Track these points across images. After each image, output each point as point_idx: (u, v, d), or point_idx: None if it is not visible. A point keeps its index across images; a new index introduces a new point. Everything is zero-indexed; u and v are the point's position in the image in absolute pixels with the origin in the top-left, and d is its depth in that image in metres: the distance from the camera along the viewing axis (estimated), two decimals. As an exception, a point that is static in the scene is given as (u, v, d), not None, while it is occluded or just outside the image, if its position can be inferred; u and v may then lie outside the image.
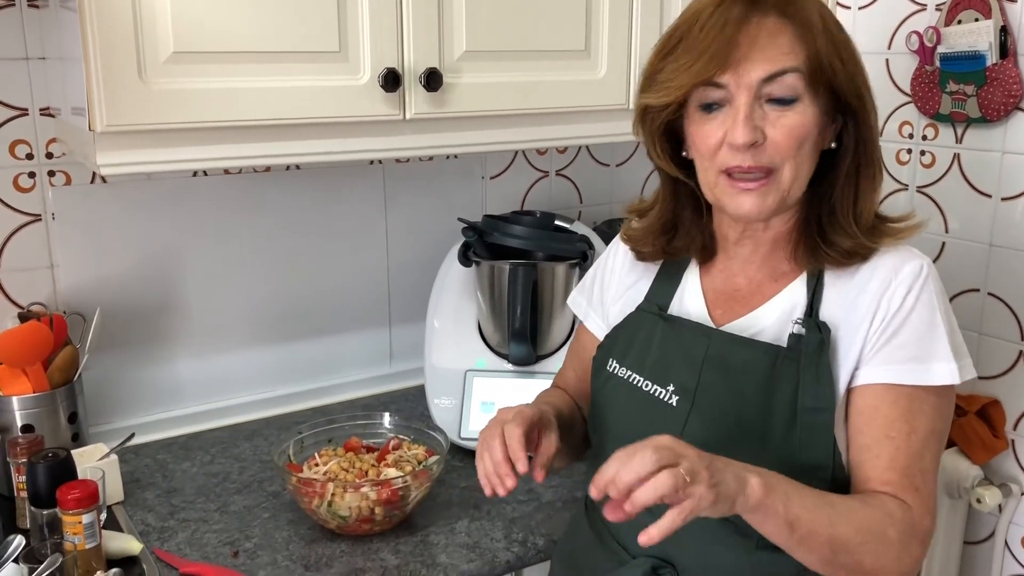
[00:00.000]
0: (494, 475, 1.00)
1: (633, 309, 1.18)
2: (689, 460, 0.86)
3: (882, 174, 1.07)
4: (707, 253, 1.15)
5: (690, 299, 1.15)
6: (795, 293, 1.08)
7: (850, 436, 1.04)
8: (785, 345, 1.05)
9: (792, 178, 1.01)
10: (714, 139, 1.01)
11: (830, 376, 1.02)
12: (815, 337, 1.03)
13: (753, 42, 0.98)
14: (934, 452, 1.04)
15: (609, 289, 1.25)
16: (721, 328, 1.10)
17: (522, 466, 0.99)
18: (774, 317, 1.08)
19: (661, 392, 1.09)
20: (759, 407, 1.04)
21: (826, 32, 1.00)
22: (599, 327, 1.25)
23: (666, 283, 1.17)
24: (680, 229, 1.15)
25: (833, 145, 1.05)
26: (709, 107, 1.01)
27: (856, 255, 1.05)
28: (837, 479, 1.03)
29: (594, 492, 0.87)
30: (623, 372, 1.14)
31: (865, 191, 1.05)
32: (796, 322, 1.05)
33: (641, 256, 1.19)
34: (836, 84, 1.00)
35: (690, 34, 1.00)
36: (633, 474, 0.84)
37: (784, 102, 0.99)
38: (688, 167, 1.10)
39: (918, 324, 1.02)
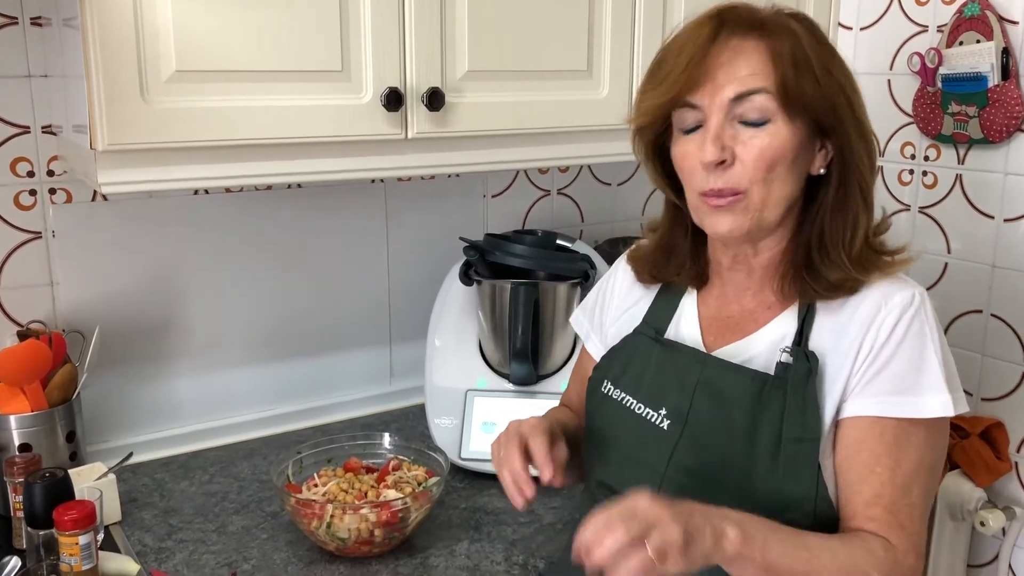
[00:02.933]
0: (514, 485, 1.02)
1: (630, 331, 1.18)
2: (661, 530, 0.85)
3: (871, 201, 1.05)
4: (700, 280, 1.16)
5: (685, 324, 1.15)
6: (786, 322, 1.08)
7: (837, 471, 1.02)
8: (773, 373, 1.04)
9: (762, 199, 1.01)
10: (691, 160, 1.03)
11: (816, 406, 1.01)
12: (803, 366, 1.02)
13: (723, 63, 0.99)
14: (923, 487, 1.01)
15: (608, 311, 1.25)
16: (713, 353, 1.10)
17: (548, 473, 1.01)
18: (764, 345, 1.07)
19: (653, 415, 1.10)
20: (746, 435, 1.03)
21: (799, 52, 0.99)
22: (597, 349, 1.26)
23: (664, 307, 1.18)
24: (674, 255, 1.16)
25: (822, 171, 1.04)
26: (690, 129, 1.03)
27: (842, 288, 1.03)
28: (820, 512, 1.01)
29: (577, 558, 0.87)
30: (617, 394, 1.15)
31: (852, 219, 1.04)
32: (784, 350, 1.05)
33: (640, 278, 1.21)
34: (811, 107, 0.99)
35: (667, 58, 1.03)
36: (605, 552, 0.84)
37: (754, 122, 1.00)
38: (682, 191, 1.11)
39: (909, 354, 1.00)
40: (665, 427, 1.08)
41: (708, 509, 0.91)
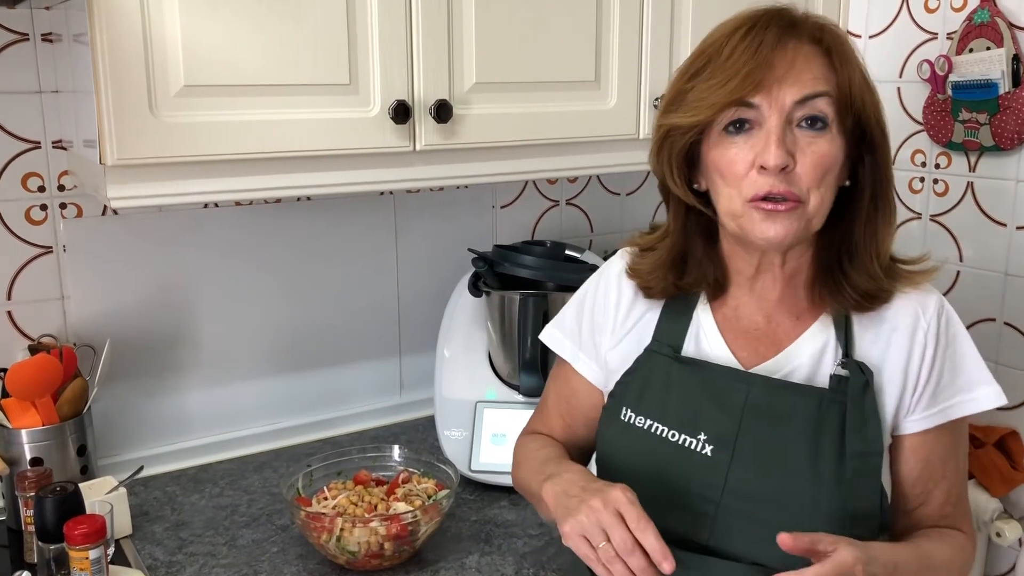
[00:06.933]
0: None
1: (640, 351, 1.12)
2: None
3: (896, 213, 1.06)
4: (719, 287, 1.10)
5: (707, 340, 1.10)
6: (824, 332, 1.05)
7: (909, 481, 1.05)
8: (826, 386, 1.03)
9: (816, 208, 0.99)
10: (742, 163, 0.98)
11: (877, 418, 1.01)
12: (859, 379, 1.01)
13: (789, 65, 0.97)
14: (967, 469, 1.09)
15: (603, 331, 1.17)
16: (754, 371, 1.06)
17: (669, 566, 0.88)
18: (805, 357, 1.05)
19: (691, 442, 1.04)
20: (807, 453, 1.00)
21: (857, 65, 1.00)
22: (593, 372, 1.19)
23: (674, 321, 1.12)
24: (691, 262, 1.10)
25: (847, 183, 1.03)
26: (735, 130, 0.99)
27: (876, 299, 1.03)
28: (883, 524, 1.02)
29: None
30: (641, 421, 1.08)
31: (882, 230, 1.04)
32: (839, 363, 1.03)
33: (649, 293, 1.13)
34: (864, 116, 0.99)
35: (720, 55, 0.98)
36: None
37: (814, 126, 0.98)
38: (700, 197, 1.07)
39: (955, 356, 1.03)
40: (709, 453, 1.03)
41: (875, 554, 0.91)
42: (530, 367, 1.56)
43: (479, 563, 1.34)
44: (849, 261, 1.04)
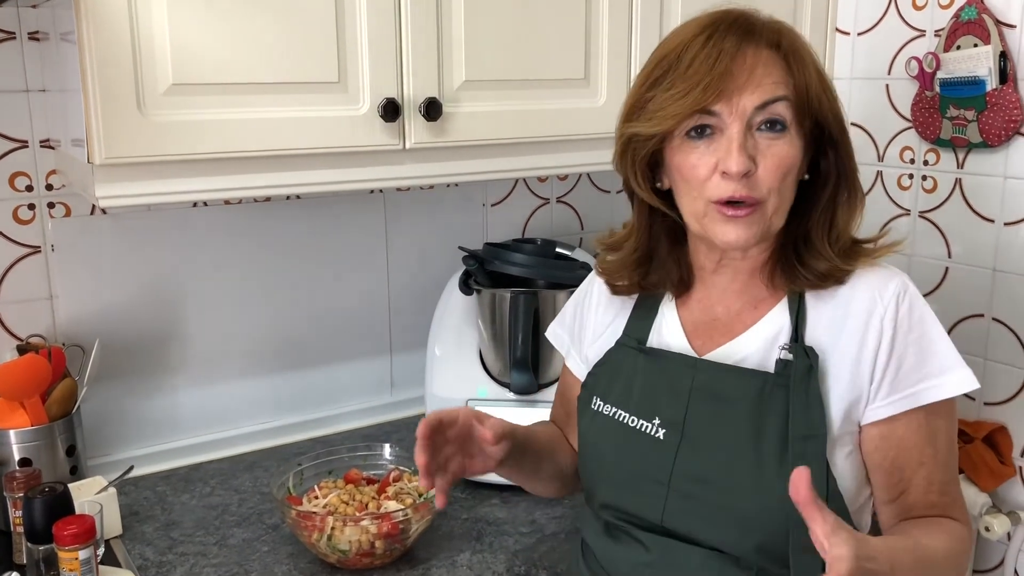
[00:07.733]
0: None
1: (612, 345, 1.17)
2: None
3: (863, 201, 1.08)
4: (683, 286, 1.14)
5: (668, 331, 1.14)
6: (778, 318, 1.08)
7: (885, 470, 1.04)
8: (772, 371, 1.04)
9: (776, 208, 1.02)
10: (704, 168, 1.01)
11: (820, 402, 1.02)
12: (803, 363, 1.03)
13: (748, 72, 0.99)
14: (955, 456, 1.07)
15: (587, 327, 1.24)
16: (705, 357, 1.09)
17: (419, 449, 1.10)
18: (758, 343, 1.07)
19: (648, 427, 1.09)
20: (750, 436, 1.03)
21: (814, 66, 1.03)
22: (578, 366, 1.25)
23: (643, 316, 1.17)
24: (655, 262, 1.14)
25: (806, 177, 1.06)
26: (697, 135, 1.01)
27: (831, 277, 1.05)
28: (832, 509, 1.01)
29: None
30: (608, 409, 1.13)
31: (841, 217, 1.07)
32: (783, 347, 1.05)
33: (616, 290, 1.18)
34: (821, 115, 1.02)
35: (680, 64, 1.00)
36: None
37: (774, 129, 1.00)
38: (663, 198, 1.10)
39: (921, 341, 1.03)
40: (661, 437, 1.07)
41: (873, 552, 0.86)
42: (521, 365, 1.56)
43: (470, 561, 1.34)
44: (804, 244, 1.06)
